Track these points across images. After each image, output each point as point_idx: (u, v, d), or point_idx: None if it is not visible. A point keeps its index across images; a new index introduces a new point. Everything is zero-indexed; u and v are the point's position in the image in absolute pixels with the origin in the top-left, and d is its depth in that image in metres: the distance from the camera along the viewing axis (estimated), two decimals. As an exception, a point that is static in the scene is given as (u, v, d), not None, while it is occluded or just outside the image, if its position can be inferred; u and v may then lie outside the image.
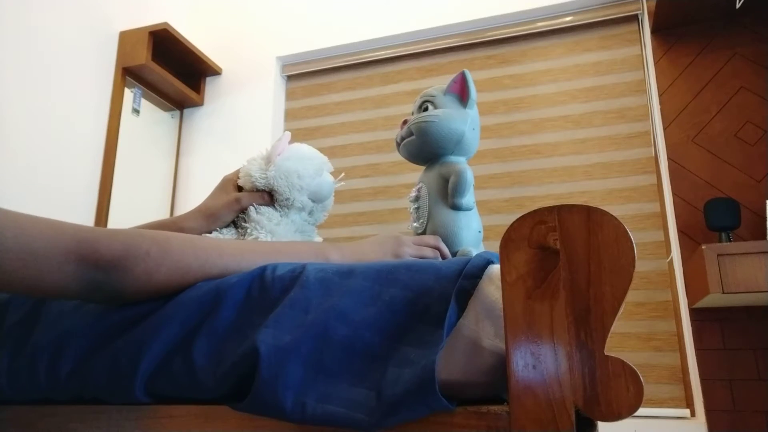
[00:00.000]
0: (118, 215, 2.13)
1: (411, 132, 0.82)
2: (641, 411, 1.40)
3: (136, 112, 2.31)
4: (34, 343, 0.57)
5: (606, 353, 0.40)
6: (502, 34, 2.28)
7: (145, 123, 2.38)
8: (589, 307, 0.40)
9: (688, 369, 1.79)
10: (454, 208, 0.78)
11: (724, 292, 1.48)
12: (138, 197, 2.30)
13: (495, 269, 0.49)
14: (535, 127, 2.17)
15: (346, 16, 2.48)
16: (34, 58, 1.89)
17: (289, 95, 2.59)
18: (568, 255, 0.42)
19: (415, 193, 0.83)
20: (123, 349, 0.52)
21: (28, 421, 0.57)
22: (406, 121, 0.84)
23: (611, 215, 0.41)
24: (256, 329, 0.49)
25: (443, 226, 0.77)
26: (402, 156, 0.87)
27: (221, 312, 0.52)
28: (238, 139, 2.48)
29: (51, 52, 1.96)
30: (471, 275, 0.48)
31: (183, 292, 0.54)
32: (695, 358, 1.76)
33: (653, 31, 2.07)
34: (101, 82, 2.17)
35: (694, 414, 1.76)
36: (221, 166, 1.58)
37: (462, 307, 0.47)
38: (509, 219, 0.54)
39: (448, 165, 0.80)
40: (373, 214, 2.29)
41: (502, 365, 0.43)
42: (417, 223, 0.82)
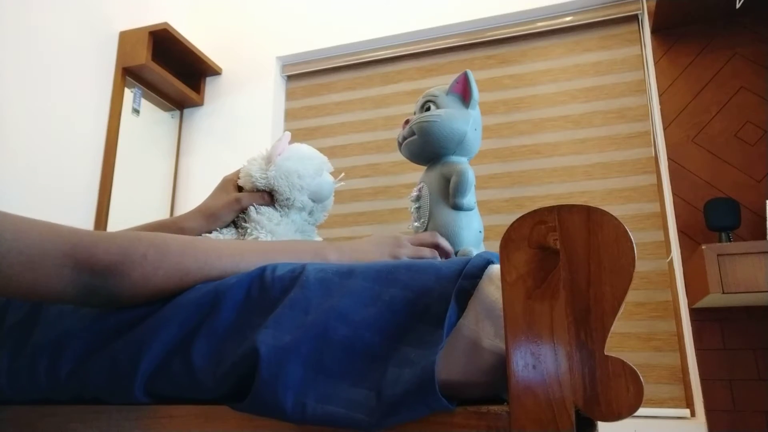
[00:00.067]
0: (118, 215, 2.13)
1: (413, 132, 0.83)
2: (641, 411, 1.40)
3: (136, 112, 2.31)
4: (33, 344, 0.57)
5: (606, 353, 0.40)
6: (502, 34, 2.28)
7: (145, 123, 2.38)
8: (589, 307, 0.40)
9: (688, 369, 1.79)
10: (455, 207, 0.78)
11: (724, 292, 1.48)
12: (138, 197, 2.30)
13: (495, 269, 0.49)
14: (535, 127, 2.17)
15: (346, 16, 2.49)
16: (34, 58, 1.89)
17: (289, 95, 2.59)
18: (568, 255, 0.42)
19: (416, 192, 0.83)
20: (122, 349, 0.52)
21: (28, 421, 0.57)
22: (408, 121, 0.85)
23: (611, 215, 0.41)
24: (255, 330, 0.49)
25: (444, 226, 0.77)
26: (404, 156, 0.87)
27: (221, 313, 0.52)
28: (238, 139, 2.48)
29: (51, 52, 1.96)
30: (471, 275, 0.48)
31: (182, 294, 0.54)
32: (695, 358, 1.76)
33: (653, 31, 2.07)
34: (101, 82, 2.17)
35: (694, 414, 1.77)
36: (221, 166, 1.58)
37: (462, 307, 0.47)
38: (509, 219, 0.54)
39: (450, 165, 0.81)
40: (373, 214, 2.29)
41: (502, 365, 0.43)
42: (418, 223, 0.82)
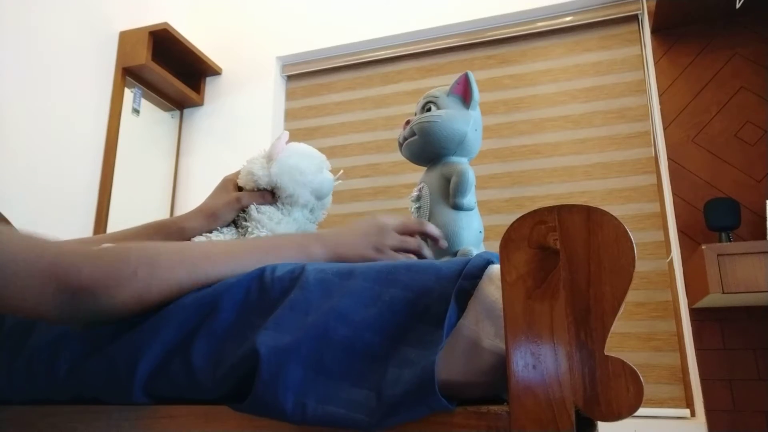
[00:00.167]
0: (118, 215, 2.13)
1: (414, 132, 0.83)
2: (641, 411, 1.40)
3: (136, 112, 2.31)
4: (32, 345, 0.57)
5: (606, 353, 0.40)
6: (502, 34, 2.28)
7: (145, 123, 2.38)
8: (589, 307, 0.40)
9: (688, 369, 1.79)
10: (456, 207, 0.78)
11: (724, 292, 1.48)
12: (138, 197, 2.30)
13: (495, 269, 0.49)
14: (535, 127, 2.17)
15: (346, 16, 2.48)
16: (34, 58, 1.89)
17: (289, 95, 2.59)
18: (568, 255, 0.42)
19: (416, 192, 0.83)
20: (121, 350, 0.51)
21: (28, 421, 0.57)
22: (408, 122, 0.85)
23: (611, 215, 0.41)
24: (255, 331, 0.49)
25: (444, 226, 0.77)
26: (404, 156, 0.87)
27: (220, 313, 0.52)
28: (238, 139, 2.48)
29: (51, 52, 1.96)
30: (471, 275, 0.48)
31: None
32: (695, 358, 1.76)
33: (653, 31, 2.07)
34: (101, 82, 2.17)
35: (694, 414, 1.77)
36: (221, 166, 1.58)
37: (462, 308, 0.47)
38: (509, 219, 0.54)
39: (450, 165, 0.81)
40: (373, 214, 2.29)
41: (502, 365, 0.43)
42: (417, 223, 0.82)
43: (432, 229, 0.73)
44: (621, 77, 2.12)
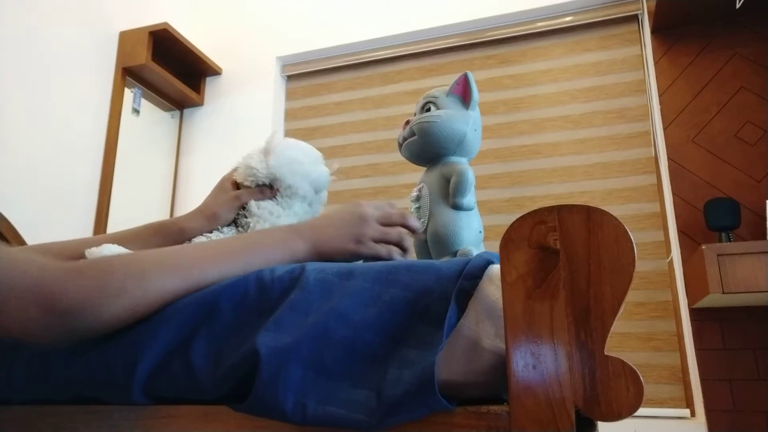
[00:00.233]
0: (118, 215, 2.13)
1: (413, 132, 0.83)
2: (641, 411, 1.40)
3: (136, 112, 2.31)
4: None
5: (606, 353, 0.40)
6: (502, 34, 2.28)
7: (145, 123, 2.38)
8: (589, 307, 0.40)
9: (688, 369, 1.79)
10: (455, 207, 0.78)
11: (724, 292, 1.48)
12: (138, 197, 2.30)
13: (495, 269, 0.48)
14: (535, 127, 2.17)
15: (346, 16, 2.49)
16: (34, 58, 1.89)
17: (289, 95, 2.59)
18: (568, 255, 0.42)
19: (416, 192, 0.83)
20: (120, 351, 0.51)
21: (28, 421, 0.57)
22: (408, 122, 0.85)
23: (611, 215, 0.41)
24: (255, 331, 0.49)
25: (444, 226, 0.78)
26: (404, 156, 0.87)
27: (220, 314, 0.52)
28: (238, 139, 2.49)
29: (51, 52, 1.96)
30: (471, 275, 0.48)
31: None
32: (695, 358, 1.76)
33: (653, 31, 2.07)
34: (101, 82, 2.17)
35: (694, 414, 1.77)
36: (221, 166, 1.57)
37: (462, 308, 0.47)
38: (509, 219, 0.54)
39: (450, 165, 0.81)
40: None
41: (502, 365, 0.43)
42: (418, 223, 0.82)
43: (413, 221, 0.72)
44: (621, 77, 2.12)
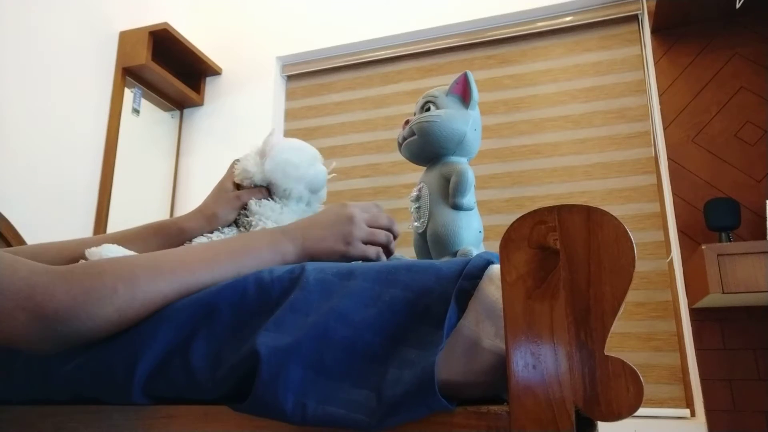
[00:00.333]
0: (118, 215, 2.13)
1: (413, 132, 0.83)
2: (641, 411, 1.40)
3: (136, 112, 2.31)
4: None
5: (606, 353, 0.40)
6: (502, 34, 2.28)
7: (145, 123, 2.38)
8: (589, 307, 0.40)
9: (688, 369, 1.79)
10: (455, 207, 0.78)
11: (724, 292, 1.48)
12: (138, 197, 2.30)
13: (495, 269, 0.48)
14: (535, 127, 2.17)
15: (346, 16, 2.48)
16: (34, 58, 1.89)
17: (289, 95, 2.59)
18: (568, 255, 0.42)
19: (416, 192, 0.83)
20: (120, 351, 0.51)
21: (28, 421, 0.57)
22: (408, 122, 0.85)
23: (611, 215, 0.41)
24: (255, 331, 0.49)
25: (444, 226, 0.77)
26: (404, 156, 0.87)
27: (219, 314, 0.51)
28: (238, 139, 2.49)
29: (51, 52, 1.96)
30: (471, 275, 0.48)
31: None
32: (695, 358, 1.76)
33: (653, 31, 2.07)
34: (101, 82, 2.17)
35: (694, 414, 1.77)
36: (221, 166, 1.57)
37: (462, 308, 0.47)
38: (509, 219, 0.54)
39: (450, 165, 0.81)
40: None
41: (502, 365, 0.43)
42: (418, 223, 0.82)
43: (397, 229, 0.73)
44: (621, 77, 2.12)
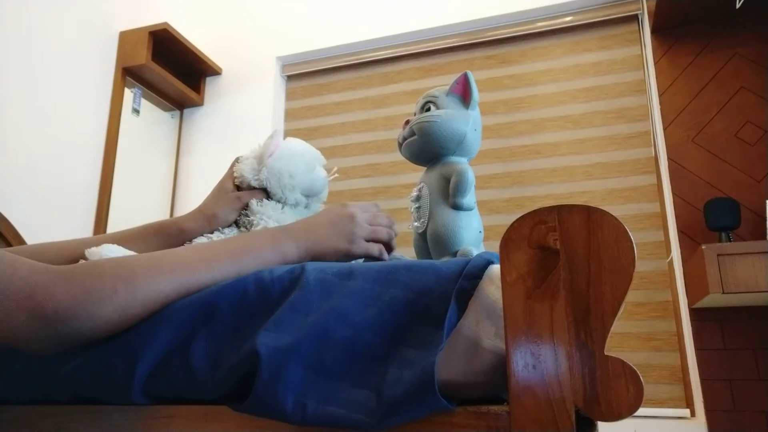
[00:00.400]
0: (118, 215, 2.13)
1: (413, 132, 0.83)
2: (641, 411, 1.40)
3: (136, 112, 2.31)
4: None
5: (606, 353, 0.40)
6: (502, 34, 2.28)
7: (145, 123, 2.38)
8: (589, 307, 0.40)
9: (688, 369, 1.79)
10: (455, 207, 0.78)
11: (724, 292, 1.48)
12: (138, 197, 2.30)
13: (495, 269, 0.48)
14: (535, 127, 2.17)
15: (346, 16, 2.48)
16: (34, 58, 1.89)
17: (289, 95, 2.59)
18: (568, 255, 0.42)
19: (416, 192, 0.83)
20: (120, 351, 0.51)
21: (28, 421, 0.57)
22: (408, 122, 0.85)
23: (611, 215, 0.41)
24: (255, 331, 0.49)
25: (444, 226, 0.77)
26: (404, 156, 0.87)
27: (220, 314, 0.51)
28: (238, 139, 2.49)
29: (51, 52, 1.96)
30: (471, 275, 0.48)
31: None
32: (695, 358, 1.76)
33: (653, 31, 2.07)
34: (101, 82, 2.17)
35: (694, 414, 1.77)
36: (221, 166, 1.57)
37: (462, 308, 0.47)
38: (509, 219, 0.54)
39: (450, 165, 0.81)
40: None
41: (502, 365, 0.43)
42: (418, 223, 0.82)
43: (396, 228, 0.74)
44: (621, 77, 2.12)
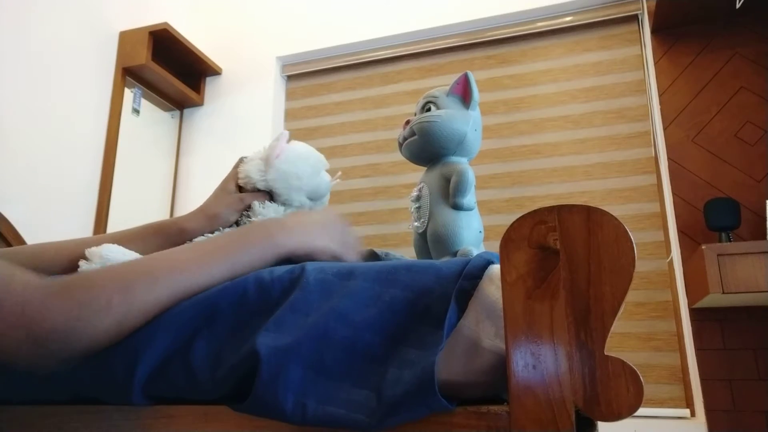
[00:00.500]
0: (118, 215, 2.13)
1: (413, 132, 0.83)
2: (641, 411, 1.40)
3: (136, 112, 2.31)
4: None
5: (606, 353, 0.40)
6: (502, 34, 2.28)
7: (145, 123, 2.38)
8: (589, 307, 0.40)
9: (688, 369, 1.79)
10: (455, 207, 0.78)
11: (724, 292, 1.48)
12: (138, 197, 2.30)
13: (495, 269, 0.48)
14: (535, 127, 2.17)
15: (346, 16, 2.48)
16: (34, 58, 1.89)
17: (289, 95, 2.59)
18: (568, 255, 0.42)
19: (416, 192, 0.83)
20: (120, 352, 0.51)
21: (28, 421, 0.57)
22: (408, 122, 0.85)
23: (611, 215, 0.41)
24: (255, 331, 0.49)
25: (444, 226, 0.78)
26: (404, 156, 0.87)
27: (219, 315, 0.51)
28: (238, 139, 2.48)
29: (51, 52, 1.96)
30: (471, 275, 0.48)
31: None
32: (695, 358, 1.76)
33: (653, 31, 2.07)
34: (101, 82, 2.17)
35: (694, 414, 1.77)
36: (221, 166, 1.58)
37: (462, 308, 0.47)
38: (509, 219, 0.54)
39: (450, 165, 0.81)
40: (373, 214, 2.29)
41: (502, 365, 0.43)
42: (418, 223, 0.82)
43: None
44: (621, 77, 2.12)
